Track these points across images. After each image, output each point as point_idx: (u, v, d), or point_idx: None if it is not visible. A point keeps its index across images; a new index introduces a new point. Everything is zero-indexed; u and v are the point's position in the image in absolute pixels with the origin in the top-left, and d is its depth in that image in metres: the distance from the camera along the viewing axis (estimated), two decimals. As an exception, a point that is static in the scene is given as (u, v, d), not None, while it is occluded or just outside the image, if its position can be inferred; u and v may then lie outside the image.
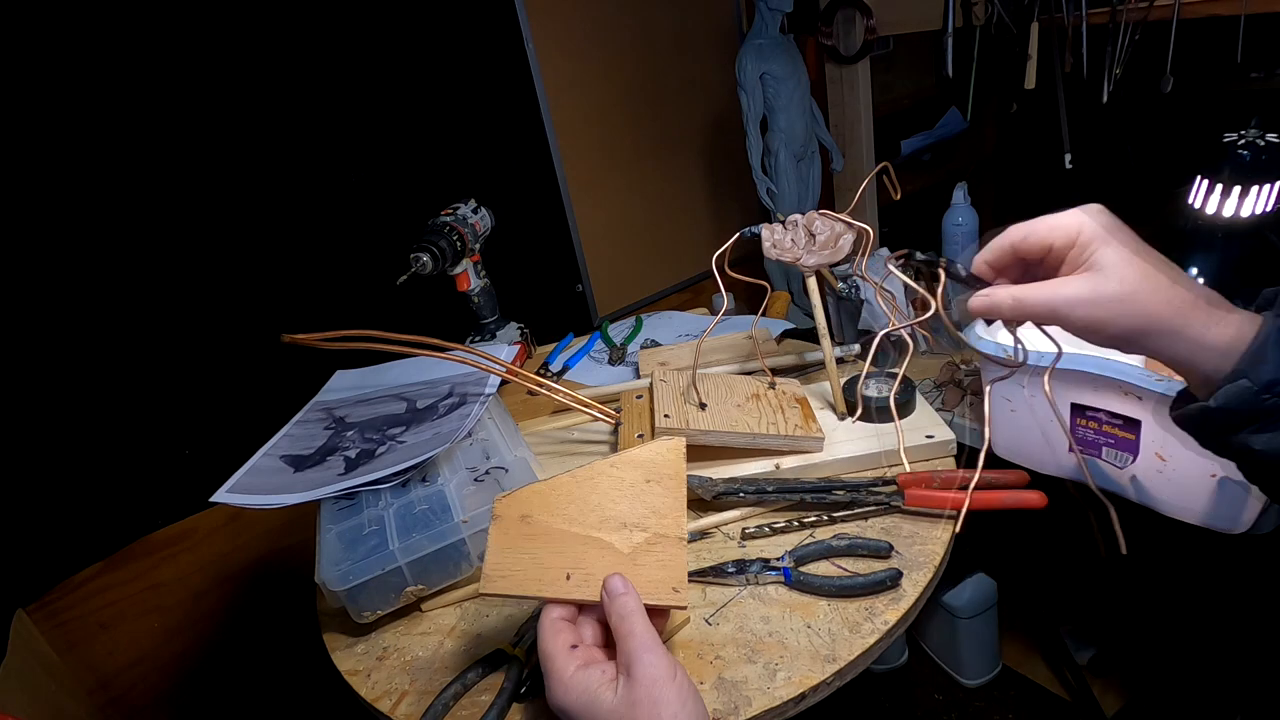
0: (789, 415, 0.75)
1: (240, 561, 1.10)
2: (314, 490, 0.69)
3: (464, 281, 1.03)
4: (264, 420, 0.80)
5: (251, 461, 0.76)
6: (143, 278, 0.95)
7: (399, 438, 0.76)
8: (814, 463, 0.73)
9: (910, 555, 0.64)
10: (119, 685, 1.02)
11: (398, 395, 0.86)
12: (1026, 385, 0.91)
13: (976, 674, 1.44)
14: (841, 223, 0.72)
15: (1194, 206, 0.82)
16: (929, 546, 0.64)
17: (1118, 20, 1.05)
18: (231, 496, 0.70)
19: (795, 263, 0.74)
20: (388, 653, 0.63)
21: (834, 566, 0.64)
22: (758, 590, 0.64)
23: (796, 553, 0.64)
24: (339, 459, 0.75)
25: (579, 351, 1.06)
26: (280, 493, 0.70)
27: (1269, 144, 0.78)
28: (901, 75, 1.80)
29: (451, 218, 1.00)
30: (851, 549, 0.64)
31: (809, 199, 1.52)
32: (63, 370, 0.91)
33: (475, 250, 1.03)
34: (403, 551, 0.62)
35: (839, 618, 0.59)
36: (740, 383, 0.81)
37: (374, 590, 0.62)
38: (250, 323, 1.03)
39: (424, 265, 0.94)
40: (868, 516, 0.68)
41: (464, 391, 0.82)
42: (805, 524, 0.68)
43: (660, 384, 0.79)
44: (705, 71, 1.54)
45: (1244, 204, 0.79)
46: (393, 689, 0.59)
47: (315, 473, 0.73)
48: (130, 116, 0.91)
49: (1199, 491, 0.81)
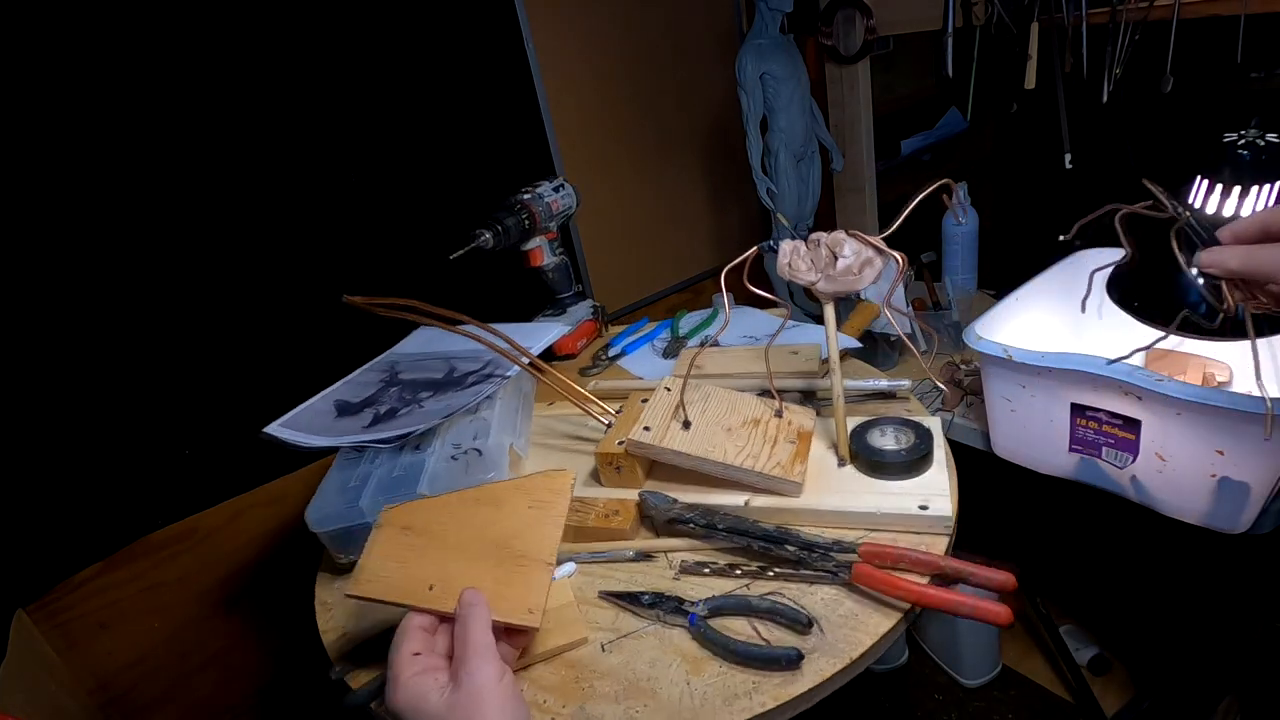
0: (777, 450, 0.70)
1: (240, 561, 1.10)
2: (338, 437, 0.74)
3: (536, 257, 1.07)
4: (266, 417, 0.80)
5: (311, 400, 0.82)
6: (142, 277, 0.94)
7: (423, 402, 0.79)
8: (786, 507, 0.67)
9: (832, 639, 0.56)
10: (119, 685, 1.02)
11: (447, 359, 0.88)
12: (1027, 385, 0.91)
13: (976, 674, 1.44)
14: (873, 248, 0.63)
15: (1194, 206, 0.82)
16: (858, 635, 0.57)
17: (1118, 20, 1.05)
18: (281, 430, 0.76)
19: (810, 287, 0.66)
20: None
21: (749, 626, 0.58)
22: (663, 630, 0.60)
23: (715, 602, 0.60)
24: (370, 412, 0.79)
25: (643, 338, 1.05)
26: (316, 434, 0.75)
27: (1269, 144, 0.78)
28: (901, 75, 1.80)
29: (529, 195, 1.03)
30: (771, 613, 0.58)
31: (809, 199, 1.52)
32: (62, 370, 0.91)
33: (550, 228, 1.05)
34: (369, 509, 0.67)
35: (721, 684, 0.55)
36: (746, 404, 0.77)
37: (348, 538, 0.69)
38: (251, 322, 1.03)
39: (485, 241, 0.97)
40: (812, 582, 0.61)
41: (494, 369, 0.83)
42: (745, 572, 0.63)
43: (663, 392, 0.77)
44: (705, 71, 1.54)
45: (1244, 204, 0.78)
46: (337, 626, 0.67)
47: (349, 421, 0.78)
48: (130, 115, 0.90)
49: (1199, 491, 0.81)
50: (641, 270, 1.57)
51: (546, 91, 1.29)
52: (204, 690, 1.10)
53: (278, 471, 1.09)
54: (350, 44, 1.06)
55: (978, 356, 0.93)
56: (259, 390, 1.04)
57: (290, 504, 1.11)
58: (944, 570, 0.58)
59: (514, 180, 1.16)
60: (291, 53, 1.01)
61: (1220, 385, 0.94)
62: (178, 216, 0.96)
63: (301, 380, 0.89)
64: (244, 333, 1.03)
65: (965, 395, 1.17)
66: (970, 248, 1.37)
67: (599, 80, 1.38)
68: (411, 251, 1.16)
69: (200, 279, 0.99)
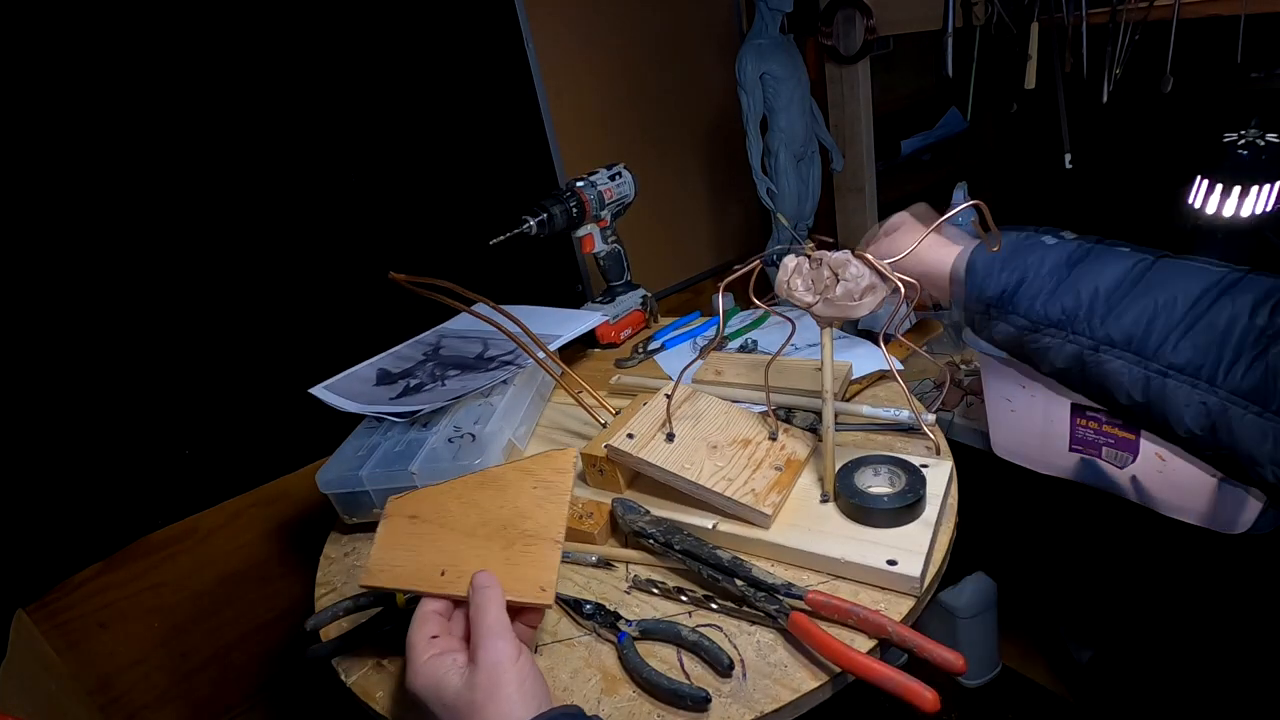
0: (757, 476, 0.67)
1: (241, 561, 1.10)
2: (366, 405, 0.78)
3: (588, 244, 1.09)
4: (267, 417, 0.80)
5: (357, 367, 0.87)
6: (143, 276, 0.94)
7: (447, 380, 0.82)
8: (751, 537, 0.64)
9: (751, 687, 0.53)
10: (119, 685, 1.02)
11: (484, 339, 0.91)
12: (1027, 385, 0.91)
13: (976, 674, 1.44)
14: (878, 274, 0.58)
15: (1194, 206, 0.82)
16: (777, 689, 0.53)
17: (1118, 20, 1.05)
18: (324, 393, 0.81)
19: (808, 309, 0.62)
20: (351, 554, 0.77)
21: (675, 655, 0.57)
22: (593, 643, 0.60)
23: (647, 624, 0.58)
24: (403, 384, 0.83)
25: (687, 334, 1.05)
26: (352, 399, 0.79)
27: (1269, 144, 0.78)
28: (901, 75, 1.80)
29: (582, 183, 1.04)
30: (697, 646, 0.56)
31: (809, 199, 1.52)
32: (62, 369, 0.91)
33: (603, 216, 1.07)
34: (368, 479, 0.72)
35: (628, 710, 0.53)
36: (743, 421, 0.75)
37: (351, 501, 0.75)
38: (251, 321, 1.03)
39: (530, 228, 0.98)
40: (753, 621, 0.58)
41: (515, 356, 0.84)
42: (690, 599, 0.61)
43: (661, 398, 0.75)
44: (705, 71, 1.54)
45: (1244, 204, 0.79)
46: (329, 582, 0.74)
47: (381, 390, 0.82)
48: (129, 113, 0.91)
49: (1199, 491, 0.81)
50: (641, 270, 1.57)
51: (546, 91, 1.29)
52: (204, 690, 1.10)
53: (278, 471, 1.09)
54: (350, 44, 1.06)
55: (978, 356, 0.92)
56: (259, 390, 1.04)
57: (290, 504, 1.11)
58: (890, 636, 0.53)
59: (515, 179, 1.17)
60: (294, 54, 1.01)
61: (1220, 385, 0.94)
62: (178, 217, 0.96)
63: (337, 352, 0.92)
64: (245, 331, 1.03)
65: (965, 395, 1.17)
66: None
67: (599, 80, 1.38)
68: (454, 237, 1.19)
69: (200, 279, 0.99)
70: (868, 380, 0.89)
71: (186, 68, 0.93)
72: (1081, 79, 1.11)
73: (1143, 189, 1.48)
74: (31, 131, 0.85)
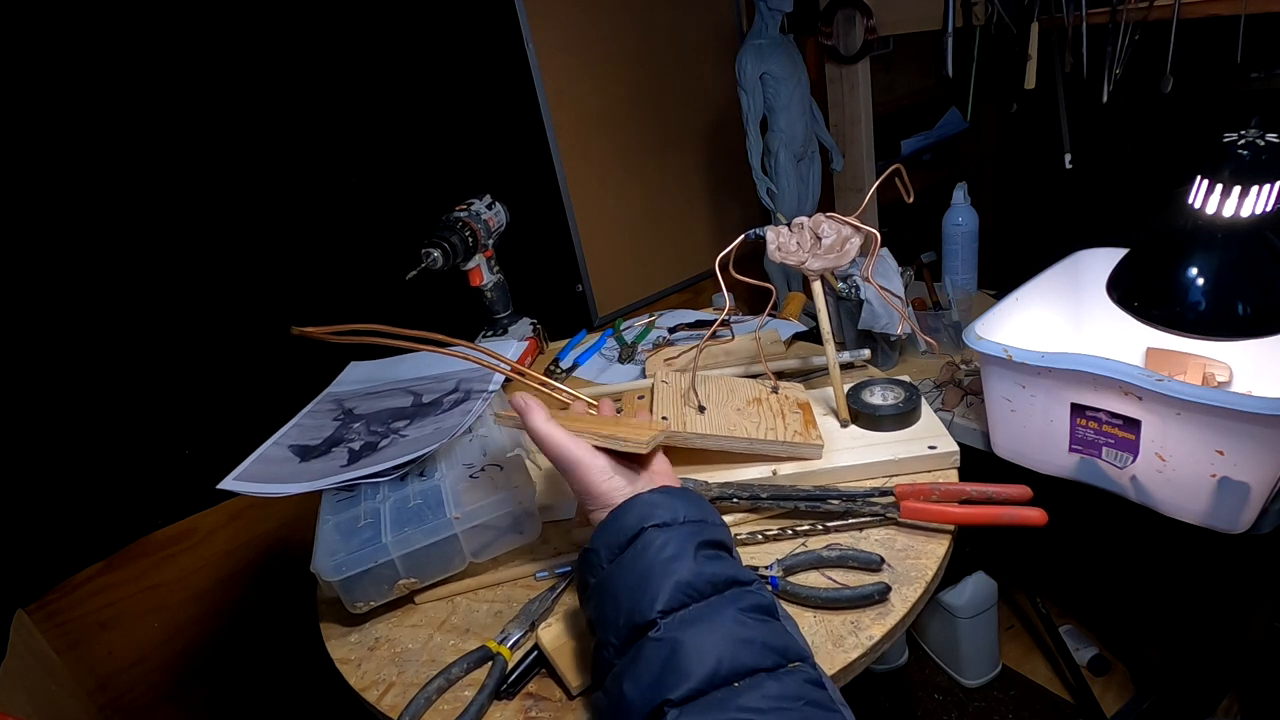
0: (789, 421, 0.74)
1: (240, 561, 1.10)
2: (317, 480, 0.69)
3: (476, 277, 1.03)
4: (267, 417, 0.80)
5: (260, 449, 0.76)
6: (143, 276, 0.95)
7: (402, 431, 0.77)
8: (812, 470, 0.72)
9: (902, 569, 0.62)
10: (119, 685, 1.02)
11: (406, 389, 0.86)
12: (1027, 385, 0.91)
13: (976, 674, 1.44)
14: (849, 226, 0.71)
15: (1194, 206, 0.82)
16: (922, 561, 0.63)
17: (1118, 20, 1.05)
18: (238, 484, 0.70)
19: (800, 266, 0.73)
20: (379, 643, 0.64)
21: (824, 578, 0.63)
22: None
23: (786, 561, 0.63)
24: (344, 450, 0.75)
25: (589, 349, 1.05)
26: (286, 481, 0.70)
27: (1269, 144, 0.78)
28: (901, 75, 1.80)
29: (465, 213, 1.00)
30: (842, 560, 0.63)
31: (809, 199, 1.52)
32: (62, 369, 0.91)
33: (489, 246, 1.03)
34: (395, 545, 0.62)
35: (824, 630, 0.58)
36: (742, 386, 0.81)
37: (367, 582, 0.63)
38: (252, 320, 1.03)
39: (434, 260, 0.94)
40: (863, 527, 0.67)
41: (469, 387, 0.82)
42: (799, 532, 0.66)
43: (662, 385, 0.78)
44: (705, 71, 1.54)
45: (1244, 204, 0.78)
46: (381, 679, 0.60)
47: (320, 463, 0.74)
48: (128, 113, 0.91)
49: (1199, 491, 0.81)
50: (642, 270, 1.57)
51: (546, 91, 1.29)
52: (204, 690, 1.10)
53: (278, 471, 1.09)
54: (350, 45, 1.06)
55: (978, 356, 0.93)
56: (261, 388, 1.04)
57: (289, 504, 1.11)
58: (970, 495, 0.64)
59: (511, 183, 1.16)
60: (294, 53, 1.01)
61: (1220, 385, 0.94)
62: (178, 215, 0.96)
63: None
64: (246, 331, 1.03)
65: (965, 395, 1.17)
66: (970, 248, 1.37)
67: (599, 80, 1.38)
68: (359, 276, 1.14)
69: (200, 277, 0.99)
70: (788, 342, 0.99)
71: (185, 79, 0.93)
72: (1081, 79, 1.11)
73: (1143, 189, 1.48)
74: (30, 135, 0.85)
